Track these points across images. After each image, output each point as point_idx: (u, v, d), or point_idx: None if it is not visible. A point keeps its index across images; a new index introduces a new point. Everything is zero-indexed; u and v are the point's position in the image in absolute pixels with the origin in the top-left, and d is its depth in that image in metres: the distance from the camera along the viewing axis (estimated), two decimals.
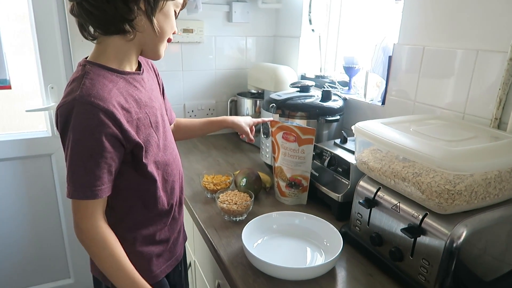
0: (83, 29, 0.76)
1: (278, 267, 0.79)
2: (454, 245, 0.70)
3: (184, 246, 1.05)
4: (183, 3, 0.83)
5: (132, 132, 0.75)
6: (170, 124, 1.03)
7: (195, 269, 1.32)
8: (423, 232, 0.75)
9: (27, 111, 1.70)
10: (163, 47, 0.82)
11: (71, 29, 1.58)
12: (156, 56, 0.82)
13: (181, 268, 1.03)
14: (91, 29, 0.76)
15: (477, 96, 0.96)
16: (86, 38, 0.77)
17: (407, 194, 0.78)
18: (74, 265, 1.95)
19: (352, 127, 0.90)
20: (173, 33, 0.83)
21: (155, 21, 0.75)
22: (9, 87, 1.77)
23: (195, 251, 1.30)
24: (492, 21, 0.91)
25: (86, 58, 0.78)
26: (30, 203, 1.81)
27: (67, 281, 1.97)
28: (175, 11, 0.81)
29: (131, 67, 0.81)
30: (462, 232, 0.70)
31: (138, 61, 0.85)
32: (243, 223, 0.97)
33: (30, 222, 1.83)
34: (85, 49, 0.81)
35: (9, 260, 1.83)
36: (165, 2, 0.76)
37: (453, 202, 0.69)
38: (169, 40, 0.83)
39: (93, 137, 0.69)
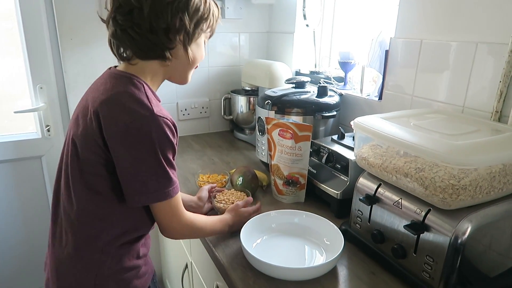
0: (118, 50, 0.81)
1: (278, 267, 0.76)
2: (459, 241, 0.68)
3: None
4: (211, 34, 0.89)
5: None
6: None
7: (191, 271, 1.29)
8: (426, 228, 0.73)
9: (15, 112, 1.65)
10: (191, 73, 0.90)
11: (60, 27, 1.53)
12: (184, 81, 0.90)
13: (155, 279, 1.00)
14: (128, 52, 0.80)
15: (476, 89, 0.95)
16: (121, 59, 0.82)
17: (410, 190, 0.76)
18: None
19: (351, 123, 0.88)
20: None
21: (189, 50, 0.82)
22: None
23: (191, 252, 1.27)
24: (491, 12, 0.89)
25: (116, 67, 0.84)
26: (20, 206, 1.76)
27: None
28: (204, 41, 0.88)
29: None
30: (467, 228, 0.68)
31: None
32: None
33: (21, 225, 1.79)
34: (75, 48, 0.79)
35: (0, 265, 1.79)
36: (199, 34, 0.83)
37: (457, 197, 0.68)
38: (196, 67, 0.89)
39: (170, 144, 0.76)
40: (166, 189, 0.77)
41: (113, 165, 0.75)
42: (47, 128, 1.72)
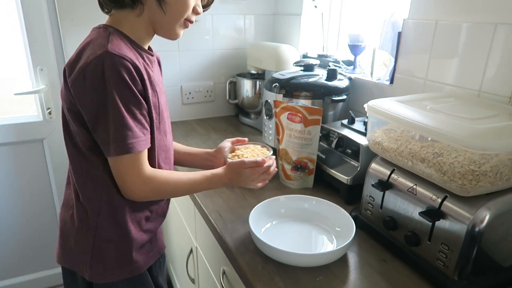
0: (102, 6, 0.80)
1: (288, 253, 0.74)
2: (477, 229, 0.66)
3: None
4: None
5: (151, 92, 0.77)
6: None
7: (196, 256, 1.28)
8: (442, 215, 0.71)
9: (15, 94, 1.62)
10: (179, 28, 0.82)
11: (60, 7, 1.49)
12: (170, 35, 0.82)
13: (161, 259, 0.99)
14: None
15: (494, 72, 0.91)
16: (103, 11, 0.81)
17: (426, 176, 0.73)
18: None
19: (365, 106, 0.85)
20: (196, 14, 0.82)
21: (163, 1, 0.76)
22: None
23: (196, 237, 1.26)
24: None
25: (102, 24, 0.80)
26: (22, 190, 1.75)
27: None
28: None
29: (146, 46, 0.83)
30: (485, 216, 0.66)
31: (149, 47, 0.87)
32: (249, 206, 0.92)
33: (22, 209, 1.77)
34: (75, 28, 0.77)
35: (3, 248, 1.78)
36: None
37: (477, 183, 0.65)
38: (189, 21, 0.82)
39: (128, 88, 0.71)
40: (127, 141, 0.72)
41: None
42: (48, 111, 1.69)
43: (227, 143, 1.00)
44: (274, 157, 0.93)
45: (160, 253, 0.95)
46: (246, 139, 1.01)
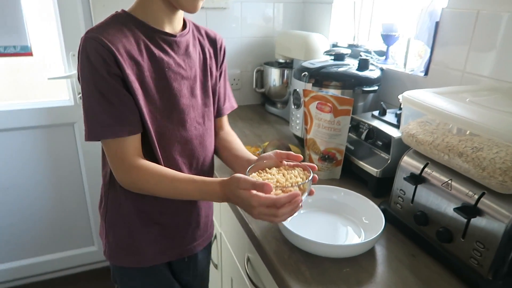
0: None
1: (316, 243, 0.74)
2: None
3: (209, 242, 1.06)
4: None
5: (132, 78, 0.73)
6: (218, 112, 0.95)
7: (221, 242, 1.30)
8: (479, 212, 0.68)
9: (49, 79, 1.67)
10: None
11: None
12: (188, 7, 0.76)
13: (187, 259, 0.98)
14: None
15: None
16: None
17: (463, 171, 0.71)
18: (97, 233, 1.97)
19: (399, 96, 0.82)
20: None
21: None
22: (31, 54, 1.73)
23: (221, 223, 1.27)
24: None
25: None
26: (53, 172, 1.81)
27: (91, 248, 2.00)
28: None
29: (172, 28, 0.80)
30: None
31: (187, 25, 0.85)
32: None
33: (53, 190, 1.84)
34: (107, 14, 0.77)
35: (34, 228, 1.86)
36: None
37: None
38: None
39: (98, 73, 0.69)
40: (94, 128, 0.72)
41: None
42: (79, 95, 1.73)
43: (270, 156, 0.79)
44: (307, 186, 0.71)
45: (182, 255, 0.93)
46: (300, 156, 0.76)
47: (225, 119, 1.00)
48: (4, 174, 1.72)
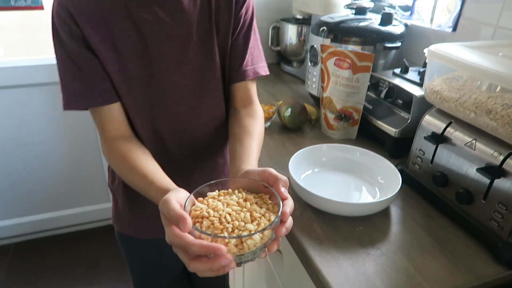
0: None
1: (330, 201, 0.72)
2: None
3: None
4: None
5: (96, 40, 0.63)
6: (231, 77, 0.77)
7: None
8: (503, 173, 0.64)
9: None
10: None
11: None
12: None
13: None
14: None
15: None
16: None
17: (490, 130, 0.66)
18: None
19: (425, 50, 0.77)
20: None
21: None
22: (42, 8, 1.70)
23: None
24: None
25: None
26: (68, 129, 1.83)
27: (106, 204, 2.05)
28: None
29: None
30: None
31: None
32: (288, 153, 0.90)
33: (69, 147, 1.87)
34: None
35: (52, 183, 1.91)
36: None
37: None
38: None
39: (58, 38, 0.64)
40: (63, 96, 0.67)
41: None
42: None
43: (253, 175, 0.57)
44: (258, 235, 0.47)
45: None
46: (286, 182, 0.55)
47: (244, 90, 0.77)
48: (22, 131, 1.75)
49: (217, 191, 0.55)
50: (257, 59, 0.79)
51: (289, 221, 0.50)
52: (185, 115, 0.74)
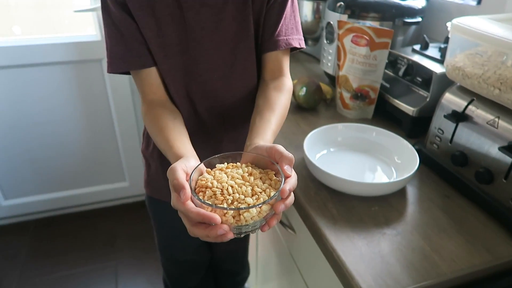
0: None
1: (345, 180, 0.71)
2: None
3: None
4: None
5: (136, 5, 0.65)
6: (263, 46, 0.74)
7: None
8: None
9: (75, 11, 1.63)
10: None
11: None
12: None
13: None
14: None
15: None
16: None
17: None
18: (128, 169, 2.05)
19: (448, 24, 0.73)
20: None
21: None
22: None
23: None
24: None
25: None
26: (83, 108, 1.84)
27: (122, 184, 2.09)
28: None
29: None
30: None
31: None
32: (302, 133, 0.89)
33: (85, 126, 1.89)
34: None
35: (68, 162, 1.95)
36: None
37: None
38: None
39: (107, 4, 0.66)
40: (114, 60, 0.70)
41: None
42: None
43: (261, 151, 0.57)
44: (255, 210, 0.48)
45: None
46: (291, 159, 0.53)
47: (275, 61, 0.75)
48: (38, 109, 1.77)
49: (226, 163, 0.57)
50: (291, 31, 0.75)
51: (290, 198, 0.51)
52: (216, 83, 0.75)
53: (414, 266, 0.60)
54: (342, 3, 1.10)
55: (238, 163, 0.57)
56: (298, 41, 0.77)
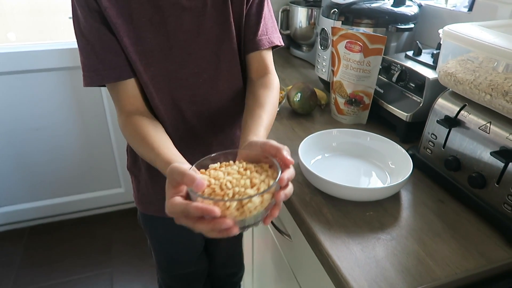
0: None
1: (340, 185, 0.72)
2: None
3: None
4: None
5: (113, 12, 0.63)
6: (246, 46, 0.77)
7: None
8: None
9: (70, 18, 1.63)
10: None
11: None
12: None
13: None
14: None
15: None
16: None
17: (506, 112, 0.64)
18: (124, 175, 2.04)
19: (439, 31, 0.74)
20: None
21: None
22: None
23: None
24: None
25: None
26: (79, 114, 1.84)
27: (118, 190, 2.08)
28: None
29: None
30: None
31: None
32: (297, 138, 0.89)
33: (80, 132, 1.88)
34: None
35: (64, 168, 1.94)
36: None
37: None
38: None
39: (79, 13, 0.64)
40: (89, 73, 0.67)
41: None
42: None
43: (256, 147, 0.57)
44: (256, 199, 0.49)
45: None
46: (290, 161, 0.53)
47: (259, 60, 0.77)
48: (33, 116, 1.77)
49: (218, 163, 0.57)
50: (271, 30, 0.79)
51: (289, 187, 0.52)
52: (202, 87, 0.75)
53: (408, 270, 0.60)
54: (336, 9, 1.12)
55: (231, 161, 0.57)
56: (279, 39, 0.81)
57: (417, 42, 1.01)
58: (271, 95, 0.74)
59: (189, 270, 1.09)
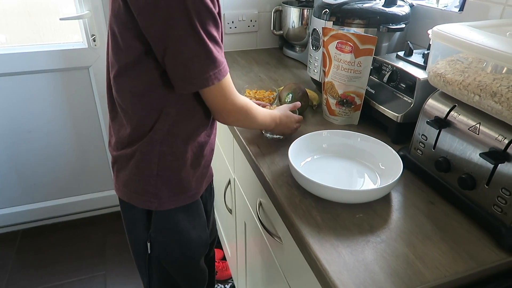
0: None
1: (329, 188, 0.71)
2: None
3: None
4: None
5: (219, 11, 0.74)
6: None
7: (234, 187, 1.30)
8: (507, 158, 0.63)
9: (61, 19, 1.62)
10: None
11: None
12: None
13: (211, 185, 1.05)
14: None
15: None
16: None
17: (495, 113, 0.64)
18: None
19: (429, 31, 0.74)
20: None
21: None
22: None
23: (235, 169, 1.26)
24: None
25: None
26: (71, 116, 1.83)
27: (111, 192, 2.07)
28: None
29: None
30: None
31: None
32: (288, 140, 0.89)
33: (73, 134, 1.87)
34: None
35: (57, 170, 1.92)
36: None
37: None
38: None
39: (210, 12, 0.67)
40: (212, 72, 0.69)
41: (150, 48, 0.68)
42: (93, 37, 1.68)
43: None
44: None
45: (211, 177, 1.00)
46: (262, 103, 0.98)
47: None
48: (25, 118, 1.75)
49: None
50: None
51: None
52: None
53: (397, 274, 0.59)
54: (327, 10, 1.11)
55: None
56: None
57: (409, 42, 1.00)
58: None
59: (212, 254, 1.17)
